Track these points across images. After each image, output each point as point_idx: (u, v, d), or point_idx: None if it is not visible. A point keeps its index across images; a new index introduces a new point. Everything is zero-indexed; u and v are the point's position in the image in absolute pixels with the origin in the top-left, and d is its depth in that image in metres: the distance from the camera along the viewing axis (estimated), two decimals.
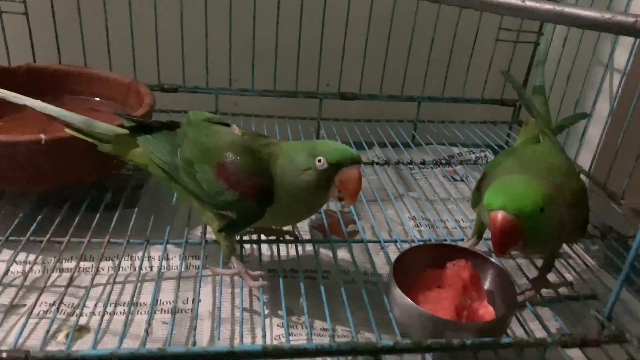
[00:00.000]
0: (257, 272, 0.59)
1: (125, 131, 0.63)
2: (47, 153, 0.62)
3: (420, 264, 0.57)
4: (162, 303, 0.61)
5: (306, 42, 0.95)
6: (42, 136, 0.61)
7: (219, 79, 0.96)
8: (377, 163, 0.93)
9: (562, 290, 0.66)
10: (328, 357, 0.48)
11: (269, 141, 0.57)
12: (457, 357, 0.55)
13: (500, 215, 0.46)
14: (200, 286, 0.61)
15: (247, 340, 0.56)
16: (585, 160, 0.89)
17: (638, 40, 0.80)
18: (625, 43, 0.84)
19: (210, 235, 0.66)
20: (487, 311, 0.54)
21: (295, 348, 0.44)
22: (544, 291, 0.65)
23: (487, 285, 0.57)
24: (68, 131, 0.62)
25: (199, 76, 0.95)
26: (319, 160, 0.51)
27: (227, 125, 0.60)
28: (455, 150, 1.03)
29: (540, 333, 0.56)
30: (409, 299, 0.50)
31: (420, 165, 0.96)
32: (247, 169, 0.54)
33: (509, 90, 1.04)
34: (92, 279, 0.58)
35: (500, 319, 0.51)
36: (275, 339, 0.56)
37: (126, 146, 0.62)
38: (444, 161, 0.97)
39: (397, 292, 0.51)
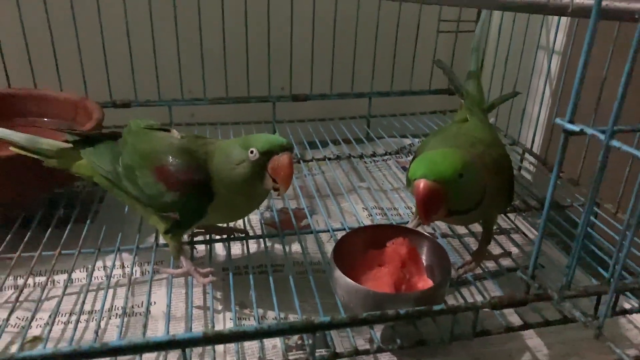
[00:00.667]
0: (207, 270, 0.61)
1: (70, 145, 0.64)
2: None
3: (361, 246, 0.60)
4: (117, 308, 0.62)
5: (254, 47, 0.98)
6: None
7: (172, 90, 0.98)
8: (329, 158, 0.96)
9: (507, 263, 0.69)
10: (268, 337, 0.50)
11: (206, 141, 0.60)
12: (400, 330, 0.57)
13: (422, 183, 0.49)
14: (153, 289, 0.62)
15: None
16: (531, 139, 0.93)
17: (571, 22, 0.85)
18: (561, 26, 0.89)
19: (163, 240, 0.67)
20: (425, 284, 0.56)
21: (234, 331, 0.45)
22: (489, 265, 0.68)
23: (426, 260, 0.60)
24: (13, 149, 0.64)
25: (151, 90, 0.96)
26: (251, 152, 0.54)
27: (167, 130, 0.62)
28: (407, 141, 1.06)
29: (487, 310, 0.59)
30: (348, 278, 0.52)
31: (371, 157, 0.98)
32: (185, 169, 0.56)
33: None
34: (43, 290, 0.59)
35: (434, 287, 0.53)
36: None
37: (71, 159, 0.64)
38: (392, 152, 1.00)
39: (338, 273, 0.53)
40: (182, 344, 0.45)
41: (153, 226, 0.62)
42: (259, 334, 0.46)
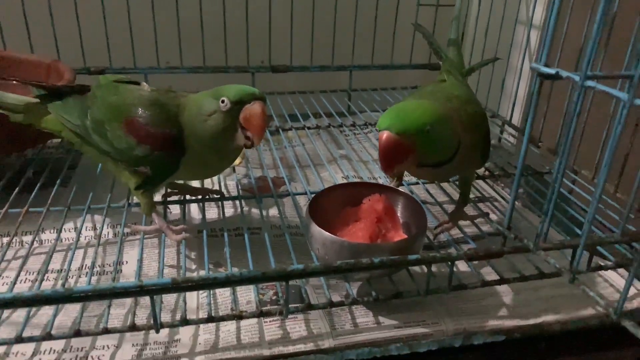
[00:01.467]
0: (180, 227, 0.60)
1: (36, 100, 0.62)
2: None
3: (338, 204, 0.59)
4: (86, 267, 0.60)
5: (232, 16, 0.96)
6: None
7: (148, 59, 0.96)
8: (309, 127, 0.95)
9: (488, 228, 0.68)
10: (239, 285, 0.49)
11: (178, 94, 0.58)
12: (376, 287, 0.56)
13: (384, 135, 0.49)
14: (125, 248, 0.61)
15: (172, 294, 0.56)
16: (510, 110, 0.93)
17: None
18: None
19: (136, 200, 0.66)
20: (401, 238, 0.55)
21: (205, 278, 0.44)
22: (470, 230, 0.67)
23: (402, 217, 0.59)
24: None
25: (126, 57, 0.94)
26: (222, 101, 0.52)
27: (137, 84, 0.60)
28: None
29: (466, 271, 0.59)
30: (324, 231, 0.51)
31: (351, 127, 0.98)
32: (155, 122, 0.55)
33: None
34: (7, 249, 0.57)
35: (410, 239, 0.53)
36: (202, 291, 0.57)
37: (38, 114, 0.62)
38: (372, 123, 0.99)
39: (313, 227, 0.52)
40: (150, 291, 0.44)
41: (125, 184, 0.60)
42: (230, 281, 0.45)
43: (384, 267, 0.47)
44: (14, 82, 0.72)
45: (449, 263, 0.50)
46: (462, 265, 0.59)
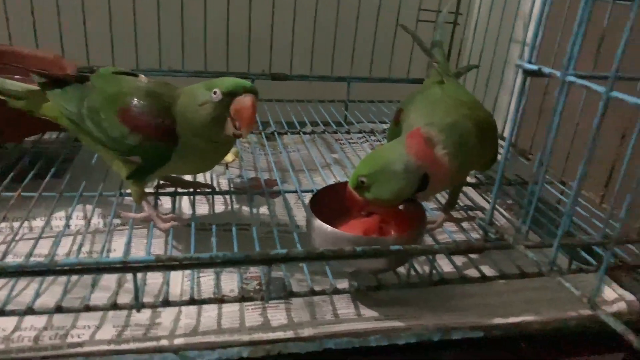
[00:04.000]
0: (169, 215, 0.60)
1: (37, 88, 0.64)
2: None
3: (339, 201, 0.59)
4: (74, 253, 0.60)
5: (235, 25, 0.98)
6: None
7: (150, 60, 0.98)
8: (305, 132, 0.96)
9: (475, 235, 0.69)
10: (222, 266, 0.50)
11: (174, 86, 0.60)
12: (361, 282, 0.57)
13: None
14: (113, 237, 0.61)
15: (155, 280, 0.57)
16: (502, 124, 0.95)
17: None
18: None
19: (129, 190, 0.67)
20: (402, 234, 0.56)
21: (188, 258, 0.45)
22: (458, 237, 0.68)
23: (404, 214, 0.60)
24: None
25: (129, 58, 0.96)
26: (214, 92, 0.54)
27: (136, 75, 0.62)
28: (385, 126, 1.07)
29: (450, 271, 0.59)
30: (325, 224, 0.52)
31: (346, 134, 0.99)
32: (149, 111, 0.56)
33: None
34: None
35: (410, 235, 0.53)
36: (185, 277, 0.57)
37: (37, 101, 0.63)
38: (367, 130, 1.01)
39: (316, 222, 0.53)
40: (134, 268, 0.44)
41: (117, 172, 0.61)
42: (214, 262, 0.45)
43: (365, 256, 0.48)
44: (17, 69, 0.74)
45: (431, 257, 0.51)
46: (446, 266, 0.60)
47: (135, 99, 0.57)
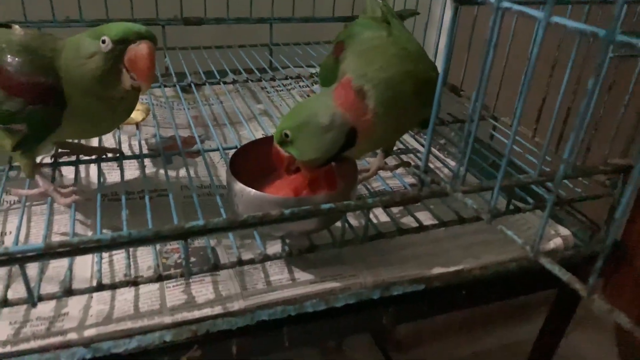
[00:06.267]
0: (69, 189, 0.53)
1: None
2: None
3: (263, 159, 0.53)
4: None
5: None
6: None
7: (43, 11, 0.85)
8: (225, 82, 0.88)
9: (410, 180, 0.66)
10: (129, 246, 0.44)
11: (54, 37, 0.50)
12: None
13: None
14: (8, 217, 0.53)
15: (61, 263, 0.50)
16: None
17: None
18: None
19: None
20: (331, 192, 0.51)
21: (85, 241, 0.38)
22: (392, 183, 0.64)
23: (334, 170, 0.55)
24: None
25: (14, 7, 0.83)
26: (103, 41, 0.46)
27: (8, 27, 0.52)
28: (312, 70, 1.01)
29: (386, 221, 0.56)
30: (247, 187, 0.47)
31: (271, 82, 0.92)
32: (27, 70, 0.47)
33: (359, 7, 1.03)
34: None
35: (340, 191, 0.49)
36: (96, 257, 0.51)
37: None
38: (294, 75, 0.94)
39: (237, 186, 0.47)
40: (19, 259, 0.37)
41: (1, 144, 0.52)
42: (117, 244, 0.39)
43: (294, 218, 0.43)
44: None
45: (365, 211, 0.47)
46: (382, 216, 0.57)
47: (9, 56, 0.48)
